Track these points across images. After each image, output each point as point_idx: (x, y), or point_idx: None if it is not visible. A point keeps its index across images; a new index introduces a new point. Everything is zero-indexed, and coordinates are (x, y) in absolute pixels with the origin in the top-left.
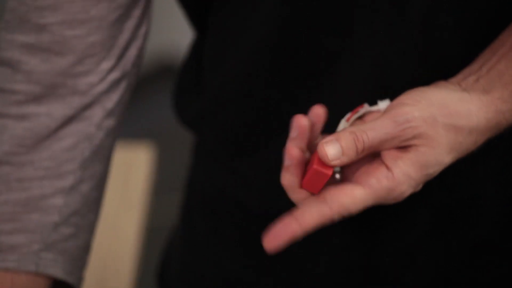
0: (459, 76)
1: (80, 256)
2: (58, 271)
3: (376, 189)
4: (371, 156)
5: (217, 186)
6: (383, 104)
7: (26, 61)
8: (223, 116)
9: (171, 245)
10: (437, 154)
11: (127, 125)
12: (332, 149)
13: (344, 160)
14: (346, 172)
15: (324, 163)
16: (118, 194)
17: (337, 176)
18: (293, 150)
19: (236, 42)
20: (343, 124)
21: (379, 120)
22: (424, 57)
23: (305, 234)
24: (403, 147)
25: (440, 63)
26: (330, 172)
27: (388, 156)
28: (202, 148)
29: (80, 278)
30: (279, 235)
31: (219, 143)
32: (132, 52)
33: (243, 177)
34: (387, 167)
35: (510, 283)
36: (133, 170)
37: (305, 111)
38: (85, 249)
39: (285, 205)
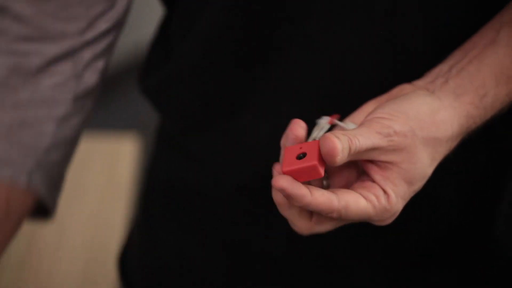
0: (427, 79)
1: (59, 183)
2: (43, 192)
3: (375, 205)
4: (355, 169)
5: (174, 173)
6: (351, 125)
7: (13, 5)
8: (181, 88)
9: (132, 232)
10: (419, 169)
11: (113, 116)
12: (339, 144)
13: (342, 159)
14: (333, 185)
15: (322, 162)
16: (104, 184)
17: (325, 182)
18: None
19: (199, 18)
20: (321, 126)
21: (364, 129)
22: (386, 49)
23: (305, 207)
24: (383, 163)
25: (403, 57)
26: (323, 173)
27: (378, 176)
28: (160, 130)
29: (55, 206)
30: (292, 183)
31: (175, 117)
32: (122, 2)
33: (197, 160)
34: (383, 189)
35: (461, 284)
36: (119, 161)
37: (260, 93)
38: (62, 177)
39: (241, 189)
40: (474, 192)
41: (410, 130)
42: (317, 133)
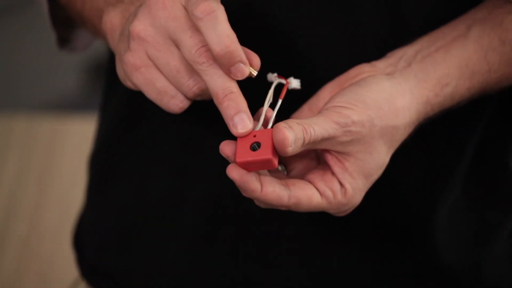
0: (388, 60)
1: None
2: None
3: (330, 201)
4: (315, 158)
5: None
6: (295, 83)
7: None
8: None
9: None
10: (376, 159)
11: None
12: (291, 135)
13: (295, 149)
14: (293, 176)
15: (276, 152)
16: None
17: (280, 168)
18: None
19: None
20: (269, 96)
21: (321, 118)
22: (347, 30)
23: (254, 198)
24: (340, 154)
25: (363, 39)
26: (277, 165)
27: (337, 168)
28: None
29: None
30: (243, 177)
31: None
32: None
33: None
34: (340, 182)
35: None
36: None
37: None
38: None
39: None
40: (412, 198)
41: (369, 119)
42: (266, 103)
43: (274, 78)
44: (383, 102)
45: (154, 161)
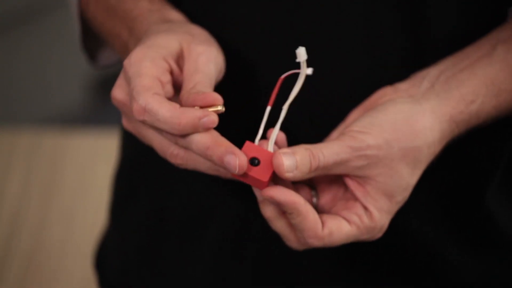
0: (411, 81)
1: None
2: None
3: (359, 225)
4: (343, 183)
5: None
6: (309, 70)
7: None
8: None
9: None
10: (397, 181)
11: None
12: (288, 161)
13: (297, 174)
14: (321, 204)
15: (272, 176)
16: (111, 180)
17: (314, 200)
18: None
19: None
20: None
21: (335, 142)
22: (363, 60)
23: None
24: (360, 178)
25: (380, 67)
26: (266, 182)
27: (359, 192)
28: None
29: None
30: (279, 194)
31: None
32: None
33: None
34: (364, 206)
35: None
36: None
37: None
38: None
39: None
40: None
41: (386, 142)
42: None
43: (302, 54)
44: (400, 124)
45: (178, 179)
